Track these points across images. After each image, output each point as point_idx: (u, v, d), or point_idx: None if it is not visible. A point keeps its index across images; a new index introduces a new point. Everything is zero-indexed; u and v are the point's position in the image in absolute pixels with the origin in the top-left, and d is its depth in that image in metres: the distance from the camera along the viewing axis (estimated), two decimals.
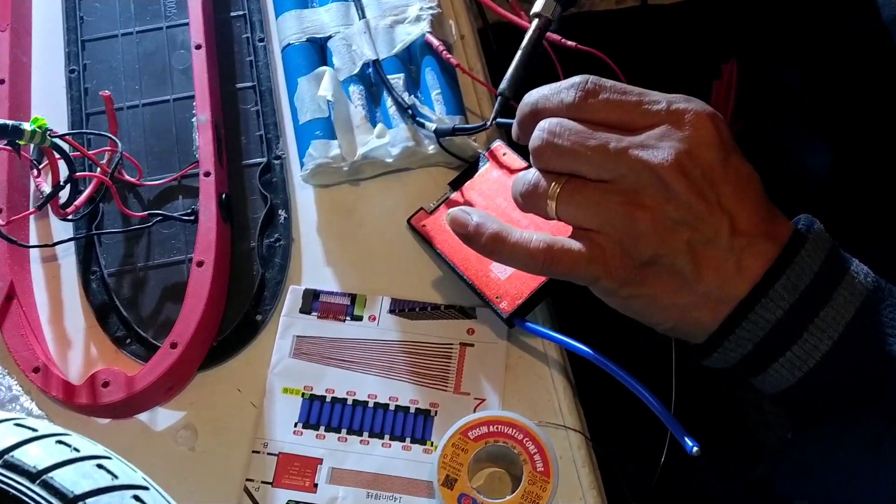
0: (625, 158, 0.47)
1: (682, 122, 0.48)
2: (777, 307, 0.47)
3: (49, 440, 0.44)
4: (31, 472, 0.42)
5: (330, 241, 0.63)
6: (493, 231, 0.53)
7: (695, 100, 0.49)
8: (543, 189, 0.50)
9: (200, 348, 0.58)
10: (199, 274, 0.58)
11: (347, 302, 0.60)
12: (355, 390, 0.58)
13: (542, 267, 0.51)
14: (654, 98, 0.49)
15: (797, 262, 0.48)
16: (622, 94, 0.49)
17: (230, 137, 0.65)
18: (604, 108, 0.49)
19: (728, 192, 0.48)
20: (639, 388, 0.52)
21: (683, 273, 0.48)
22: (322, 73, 0.64)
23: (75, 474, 0.42)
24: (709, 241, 0.48)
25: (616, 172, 0.48)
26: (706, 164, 0.47)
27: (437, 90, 0.64)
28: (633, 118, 0.49)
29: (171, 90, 0.67)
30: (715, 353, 0.50)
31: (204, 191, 0.60)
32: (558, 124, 0.49)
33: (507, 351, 0.59)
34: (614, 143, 0.48)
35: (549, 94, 0.51)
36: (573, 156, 0.49)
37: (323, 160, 0.62)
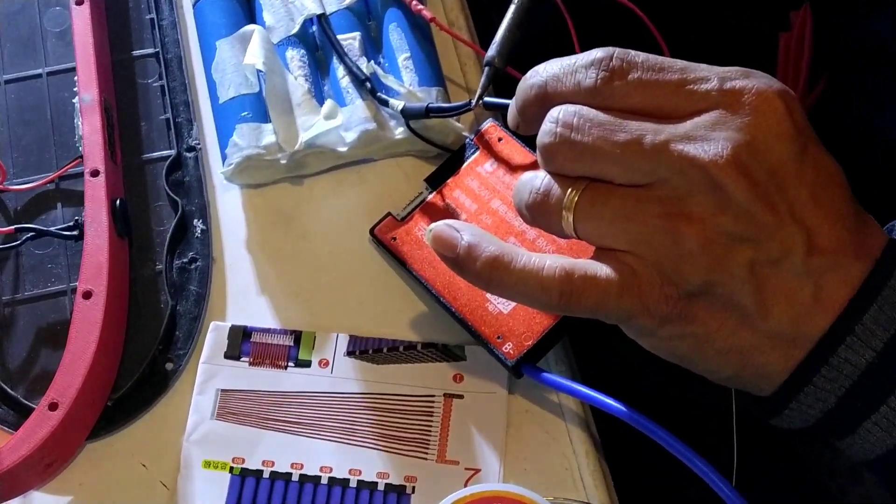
0: (665, 156, 0.46)
1: (741, 104, 0.47)
2: (867, 347, 0.47)
3: None
4: None
5: (264, 260, 0.63)
6: (490, 255, 0.51)
7: (756, 73, 0.48)
8: (557, 198, 0.49)
9: (90, 409, 0.58)
10: (87, 309, 0.57)
11: (290, 342, 0.60)
12: (303, 462, 0.57)
13: (558, 303, 0.50)
14: (702, 74, 0.48)
15: (892, 286, 0.47)
16: (659, 73, 0.48)
17: (126, 123, 0.65)
18: (635, 92, 0.48)
19: (804, 197, 0.47)
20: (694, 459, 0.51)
21: (744, 306, 0.47)
22: (249, 34, 0.64)
23: None
24: (778, 263, 0.47)
25: (654, 174, 0.47)
26: (775, 161, 0.46)
27: (405, 54, 0.64)
28: (675, 102, 0.48)
29: (43, 61, 0.67)
30: (787, 409, 0.49)
31: (91, 196, 0.60)
32: (576, 114, 0.48)
33: (508, 403, 0.58)
34: (650, 135, 0.47)
35: (560, 74, 0.50)
36: (596, 155, 0.48)
37: (253, 151, 0.62)
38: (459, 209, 0.61)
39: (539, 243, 0.59)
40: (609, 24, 0.62)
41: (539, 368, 0.57)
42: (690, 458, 0.51)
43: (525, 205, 0.51)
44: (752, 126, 0.46)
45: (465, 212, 0.61)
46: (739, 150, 0.46)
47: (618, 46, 0.49)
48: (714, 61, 0.49)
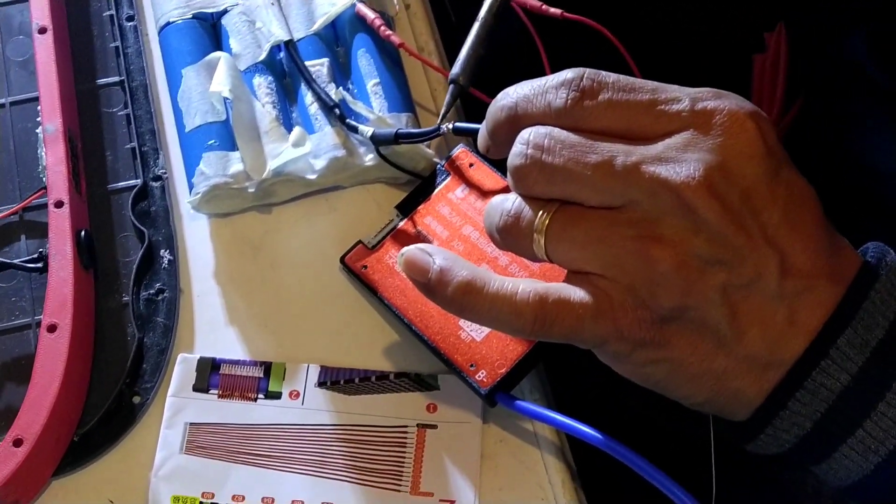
0: (636, 177, 0.46)
1: (712, 125, 0.46)
2: (842, 371, 0.46)
3: None
4: None
5: (233, 290, 0.62)
6: (462, 279, 0.51)
7: (728, 94, 0.48)
8: (528, 221, 0.49)
9: (55, 445, 0.57)
10: (52, 342, 0.57)
11: (259, 374, 0.60)
12: (274, 496, 0.57)
13: (531, 329, 0.49)
14: (673, 95, 0.47)
15: (866, 309, 0.46)
16: (630, 93, 0.48)
17: (91, 153, 0.65)
18: (606, 113, 0.48)
19: (776, 219, 0.46)
20: (672, 487, 0.50)
21: (718, 330, 0.47)
22: (216, 62, 0.63)
23: None
24: (751, 287, 0.46)
25: (625, 196, 0.47)
26: (747, 183, 0.46)
27: (374, 80, 0.64)
28: (646, 123, 0.47)
29: (6, 91, 0.67)
30: (762, 434, 0.49)
31: (55, 227, 0.60)
32: (546, 136, 0.48)
33: (482, 432, 0.58)
34: (622, 157, 0.46)
35: (531, 95, 0.50)
36: (567, 177, 0.47)
37: (220, 179, 0.61)
38: (431, 236, 0.61)
39: (511, 269, 0.59)
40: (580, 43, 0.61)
41: (513, 396, 0.56)
42: (667, 485, 0.51)
43: (496, 228, 0.51)
44: (723, 147, 0.46)
45: (437, 238, 0.61)
46: (711, 171, 0.45)
47: (588, 66, 0.49)
48: (688, 82, 0.49)
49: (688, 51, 0.80)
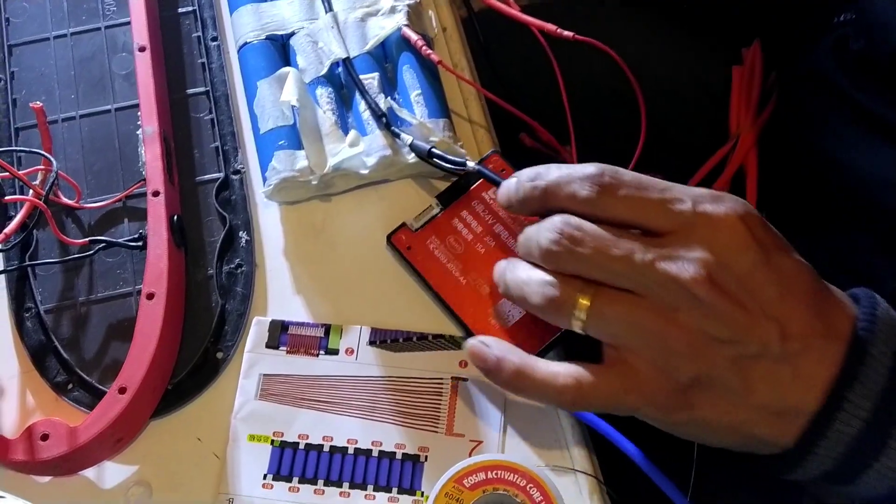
0: (652, 273, 0.48)
1: (710, 225, 0.49)
2: (855, 418, 0.48)
3: None
4: None
5: (299, 265, 0.63)
6: (514, 368, 0.53)
7: (724, 197, 0.50)
8: (567, 303, 0.51)
9: (153, 393, 0.58)
10: (150, 308, 0.58)
11: (321, 334, 0.60)
12: (332, 435, 0.58)
13: (571, 405, 0.52)
14: (678, 196, 0.50)
15: (869, 364, 0.48)
16: (643, 191, 0.50)
17: (181, 151, 0.65)
18: (623, 207, 0.50)
19: (772, 295, 0.48)
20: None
21: (733, 389, 0.49)
22: (285, 75, 0.64)
23: None
24: (757, 355, 0.49)
25: (645, 287, 0.49)
26: (741, 272, 0.48)
27: (416, 91, 0.64)
28: (656, 219, 0.50)
29: (112, 99, 0.67)
30: (794, 471, 0.51)
31: (153, 213, 0.60)
32: (577, 228, 0.50)
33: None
34: (639, 254, 0.49)
35: (560, 182, 0.51)
36: (593, 265, 0.50)
37: (288, 174, 0.62)
38: (466, 229, 0.61)
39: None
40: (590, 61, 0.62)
41: None
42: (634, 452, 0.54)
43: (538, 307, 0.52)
44: (719, 245, 0.48)
45: (472, 232, 0.61)
46: (711, 267, 0.48)
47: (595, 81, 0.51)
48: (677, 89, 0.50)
49: (677, 62, 0.81)
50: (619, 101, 0.63)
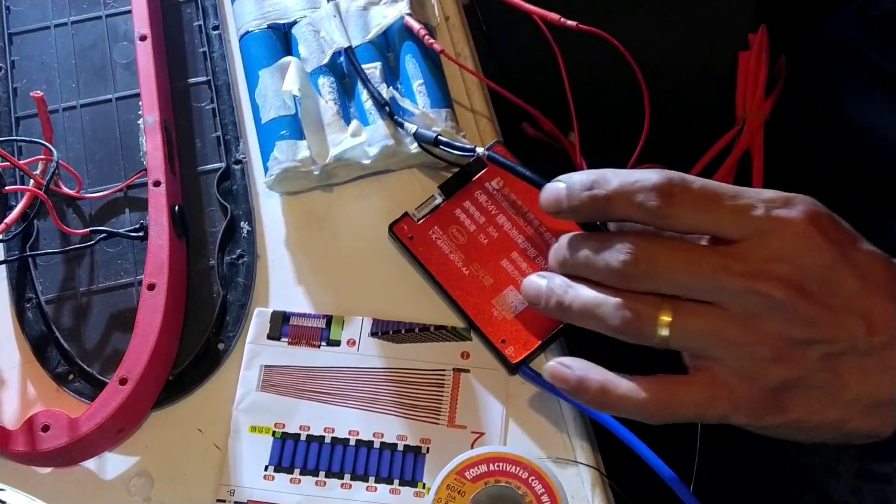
0: (731, 283, 0.48)
1: (783, 230, 0.48)
2: None
3: None
4: None
5: (300, 255, 0.63)
6: (598, 385, 0.52)
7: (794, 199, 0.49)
8: (648, 323, 0.50)
9: (154, 383, 0.58)
10: (151, 298, 0.57)
11: (322, 325, 0.60)
12: (334, 426, 0.58)
13: (658, 418, 0.51)
14: (750, 202, 0.49)
15: None
16: (713, 201, 0.49)
17: (183, 141, 0.65)
18: (693, 218, 0.49)
19: (853, 290, 0.48)
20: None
21: (824, 389, 0.49)
22: (286, 65, 0.63)
23: None
24: (845, 351, 0.48)
25: (725, 298, 0.48)
26: (819, 271, 0.48)
27: (419, 80, 0.63)
28: (729, 228, 0.49)
29: (113, 88, 0.66)
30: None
31: (154, 203, 0.60)
32: (648, 248, 0.49)
33: (508, 377, 0.58)
34: (716, 266, 0.48)
35: (623, 191, 0.50)
36: (672, 283, 0.49)
37: (290, 164, 0.61)
38: (469, 219, 0.61)
39: (539, 261, 0.59)
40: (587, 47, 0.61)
41: (533, 370, 0.57)
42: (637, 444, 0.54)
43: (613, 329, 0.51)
44: (795, 249, 0.48)
45: (474, 223, 0.61)
46: (791, 274, 0.47)
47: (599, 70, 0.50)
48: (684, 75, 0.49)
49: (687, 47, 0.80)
50: (624, 89, 0.62)
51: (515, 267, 0.59)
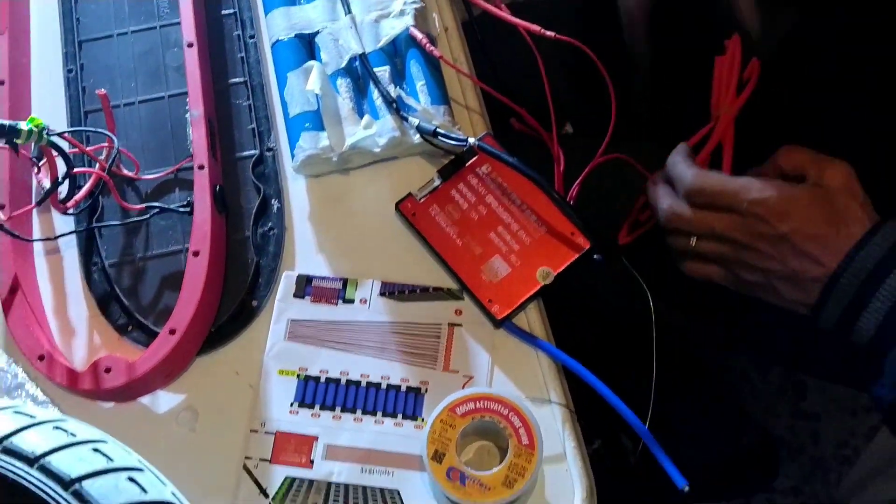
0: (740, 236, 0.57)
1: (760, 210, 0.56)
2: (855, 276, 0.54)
3: (47, 426, 0.43)
4: (28, 457, 0.41)
5: (321, 228, 0.62)
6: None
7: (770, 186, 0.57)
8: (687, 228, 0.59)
9: (198, 334, 0.58)
10: (196, 263, 0.57)
11: (339, 286, 0.60)
12: (348, 370, 0.57)
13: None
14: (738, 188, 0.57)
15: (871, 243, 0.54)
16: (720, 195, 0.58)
17: (223, 131, 0.65)
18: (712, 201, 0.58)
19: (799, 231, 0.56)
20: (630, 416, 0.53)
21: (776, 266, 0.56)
22: (310, 68, 0.63)
23: (72, 458, 0.42)
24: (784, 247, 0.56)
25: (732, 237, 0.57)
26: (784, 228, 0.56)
27: (421, 81, 0.63)
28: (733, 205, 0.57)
29: (165, 87, 0.66)
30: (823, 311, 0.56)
31: (199, 183, 0.60)
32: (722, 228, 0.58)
33: (494, 330, 0.58)
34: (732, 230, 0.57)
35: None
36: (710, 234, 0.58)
37: (313, 151, 0.61)
38: (462, 199, 0.60)
39: (520, 234, 0.59)
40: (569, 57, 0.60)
41: (515, 325, 0.58)
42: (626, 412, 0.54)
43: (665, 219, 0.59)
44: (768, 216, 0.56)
45: (467, 202, 0.60)
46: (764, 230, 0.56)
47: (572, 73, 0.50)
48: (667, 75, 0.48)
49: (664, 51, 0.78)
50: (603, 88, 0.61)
51: (501, 239, 0.59)
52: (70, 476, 0.41)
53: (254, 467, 0.55)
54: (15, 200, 0.61)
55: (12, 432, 0.42)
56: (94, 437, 0.44)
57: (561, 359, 0.56)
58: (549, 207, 0.59)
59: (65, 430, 0.43)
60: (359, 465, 0.55)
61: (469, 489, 0.51)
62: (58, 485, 0.40)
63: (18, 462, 0.41)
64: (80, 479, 0.41)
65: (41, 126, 0.54)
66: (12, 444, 0.41)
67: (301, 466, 0.55)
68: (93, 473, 0.41)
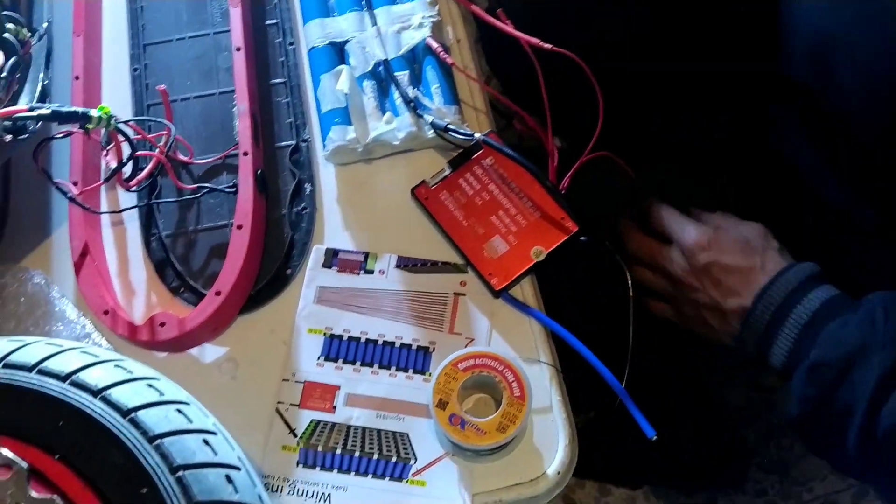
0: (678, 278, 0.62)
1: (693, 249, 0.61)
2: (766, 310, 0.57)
3: (108, 364, 0.44)
4: (93, 389, 0.42)
5: (347, 209, 0.63)
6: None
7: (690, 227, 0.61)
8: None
9: (240, 296, 0.59)
10: (239, 236, 0.58)
11: (361, 259, 0.60)
12: (367, 331, 0.58)
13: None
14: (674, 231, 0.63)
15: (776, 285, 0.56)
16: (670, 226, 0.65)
17: (265, 124, 0.65)
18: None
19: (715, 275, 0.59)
20: (606, 372, 0.54)
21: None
22: (340, 71, 0.63)
23: (129, 392, 0.43)
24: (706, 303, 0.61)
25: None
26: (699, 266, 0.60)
27: (435, 84, 0.63)
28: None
29: (216, 85, 0.66)
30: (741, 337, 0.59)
31: (243, 168, 0.60)
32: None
33: (493, 300, 0.58)
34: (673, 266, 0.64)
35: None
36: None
37: (341, 142, 0.61)
38: (468, 186, 0.61)
39: (518, 218, 0.59)
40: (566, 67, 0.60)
41: (511, 296, 0.58)
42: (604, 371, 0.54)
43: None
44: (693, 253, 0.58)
45: (472, 189, 0.60)
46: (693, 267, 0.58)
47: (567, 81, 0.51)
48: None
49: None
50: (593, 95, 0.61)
51: (501, 221, 0.60)
52: (127, 406, 0.42)
53: (284, 411, 0.56)
54: (86, 178, 0.62)
55: (79, 368, 0.43)
56: (149, 375, 0.45)
57: (550, 325, 0.57)
58: (543, 196, 0.60)
59: (124, 367, 0.44)
60: (374, 411, 0.55)
61: (467, 433, 0.52)
62: (117, 413, 0.41)
63: (84, 393, 0.42)
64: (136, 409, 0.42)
65: (109, 114, 0.55)
66: (79, 378, 0.43)
67: (325, 411, 0.55)
68: (147, 405, 0.42)
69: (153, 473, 0.41)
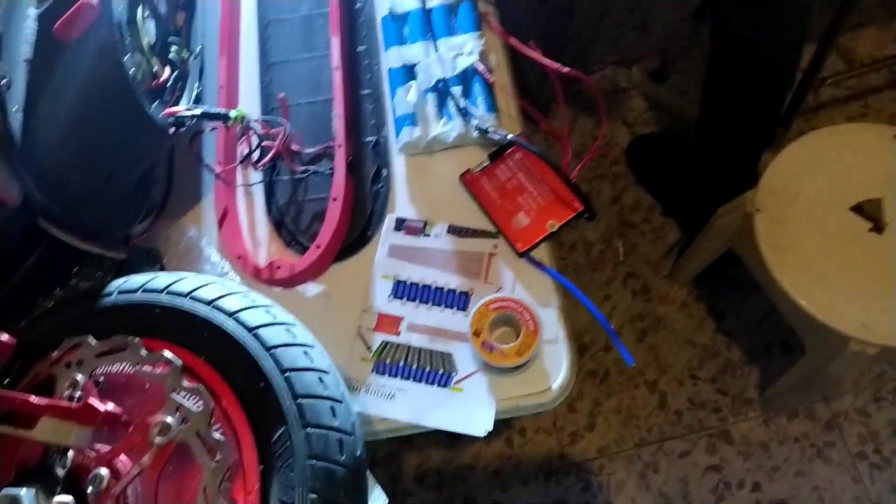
0: None
1: None
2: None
3: (238, 295, 0.45)
4: (228, 311, 0.43)
5: (413, 187, 0.62)
6: None
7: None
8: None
9: (334, 250, 0.59)
10: (335, 206, 0.58)
11: (422, 225, 0.60)
12: (424, 278, 0.58)
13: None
14: None
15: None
16: None
17: (355, 124, 0.65)
18: None
19: None
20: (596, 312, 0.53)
21: None
22: (411, 86, 0.63)
23: (254, 315, 0.44)
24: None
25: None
26: None
27: (480, 97, 0.62)
28: None
29: (320, 94, 0.66)
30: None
31: (338, 156, 0.60)
32: None
33: (517, 259, 0.58)
34: None
35: None
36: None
37: (409, 139, 0.61)
38: (502, 174, 0.59)
39: (538, 199, 0.58)
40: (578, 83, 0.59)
41: (531, 257, 0.57)
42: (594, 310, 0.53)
43: None
44: None
45: (505, 176, 0.59)
46: None
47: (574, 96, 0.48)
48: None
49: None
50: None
51: (525, 201, 0.59)
52: (252, 325, 0.43)
53: (363, 333, 0.56)
54: (226, 160, 0.63)
55: (219, 296, 0.44)
56: (267, 303, 0.46)
57: (560, 280, 0.56)
58: (557, 182, 0.59)
59: (249, 297, 0.45)
60: (427, 336, 0.55)
61: (494, 354, 0.52)
62: (245, 330, 0.42)
63: (222, 315, 0.43)
64: (258, 327, 0.43)
65: (243, 114, 0.56)
66: (219, 304, 0.44)
67: (392, 335, 0.56)
68: (265, 324, 0.43)
69: (269, 373, 0.42)
